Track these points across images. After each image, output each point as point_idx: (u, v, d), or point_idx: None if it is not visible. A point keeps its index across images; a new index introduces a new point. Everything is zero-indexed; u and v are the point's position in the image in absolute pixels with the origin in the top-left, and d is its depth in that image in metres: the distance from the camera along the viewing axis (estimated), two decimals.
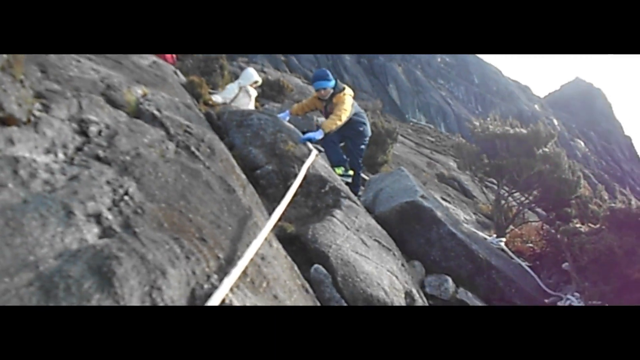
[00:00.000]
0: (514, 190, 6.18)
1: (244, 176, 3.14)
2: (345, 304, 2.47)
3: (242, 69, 15.14)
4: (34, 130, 2.06)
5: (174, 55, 10.47)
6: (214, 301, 1.45)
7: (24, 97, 2.17)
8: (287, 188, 3.13)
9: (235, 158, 3.46)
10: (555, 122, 62.57)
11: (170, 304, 1.39)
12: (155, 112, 3.19)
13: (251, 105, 6.26)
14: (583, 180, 5.67)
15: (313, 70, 36.74)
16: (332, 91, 5.06)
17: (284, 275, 2.18)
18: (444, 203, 7.77)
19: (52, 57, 3.14)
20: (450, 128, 46.78)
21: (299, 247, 2.93)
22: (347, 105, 4.92)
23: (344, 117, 4.81)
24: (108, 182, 1.95)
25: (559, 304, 4.11)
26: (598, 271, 3.68)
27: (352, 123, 5.16)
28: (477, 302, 3.92)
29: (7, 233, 1.34)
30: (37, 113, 2.21)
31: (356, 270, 2.69)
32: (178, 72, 6.04)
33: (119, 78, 3.59)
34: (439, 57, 59.20)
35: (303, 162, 3.68)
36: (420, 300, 3.10)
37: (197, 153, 2.85)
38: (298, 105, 5.42)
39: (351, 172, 5.21)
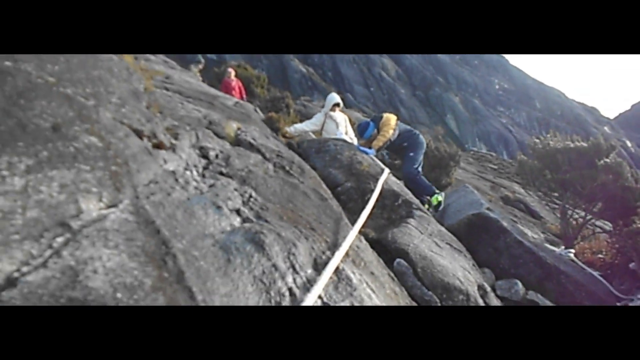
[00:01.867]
0: (579, 203, 6.33)
1: (329, 191, 3.65)
2: (427, 289, 2.87)
3: (305, 107, 15.98)
4: (174, 153, 2.67)
5: (245, 95, 11.47)
6: (330, 268, 1.92)
7: (164, 129, 2.81)
8: (366, 201, 3.60)
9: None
10: (629, 143, 59.24)
11: (301, 265, 1.89)
12: (252, 141, 3.79)
13: (341, 130, 6.48)
14: None
15: (369, 106, 37.51)
16: (374, 125, 6.04)
17: (375, 261, 2.64)
18: (530, 236, 7.91)
19: (161, 100, 3.86)
20: (513, 155, 45.70)
21: (380, 249, 3.36)
22: (389, 125, 5.83)
23: (388, 134, 5.71)
24: (235, 189, 2.51)
25: (630, 305, 4.26)
26: None
27: (402, 137, 6.00)
28: (548, 303, 4.15)
29: (187, 217, 1.89)
30: (173, 141, 2.83)
31: (433, 264, 3.10)
32: (257, 109, 6.76)
33: (216, 116, 4.26)
34: (496, 84, 58.40)
35: (377, 179, 4.15)
36: (492, 294, 3.43)
37: (291, 171, 3.39)
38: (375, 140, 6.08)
39: (441, 198, 5.68)
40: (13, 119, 1.62)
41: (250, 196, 2.48)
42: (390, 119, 5.98)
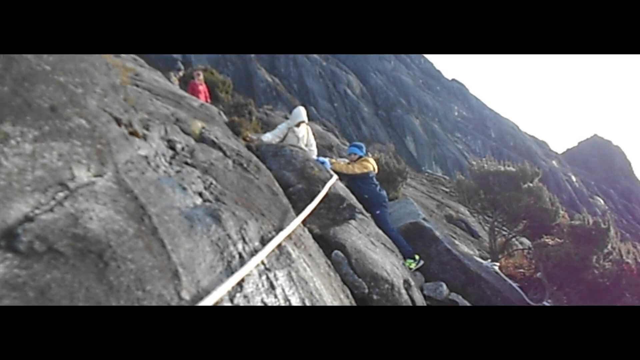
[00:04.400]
0: (505, 221, 7.03)
1: (282, 190, 4.08)
2: (358, 277, 3.34)
3: (267, 115, 16.38)
4: (146, 142, 3.03)
5: (209, 99, 11.79)
6: (274, 243, 2.35)
7: (139, 120, 3.18)
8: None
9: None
10: (574, 178, 62.14)
11: (250, 238, 2.31)
12: (214, 139, 4.17)
13: (301, 144, 6.45)
14: (562, 211, 6.51)
15: (331, 121, 38.16)
16: (357, 157, 6.17)
17: (314, 248, 3.08)
18: (459, 246, 8.57)
19: (132, 95, 4.20)
20: None
21: (322, 243, 3.81)
22: (363, 166, 5.95)
23: (355, 170, 5.84)
24: (198, 177, 2.90)
25: None
26: (561, 275, 4.51)
27: (367, 188, 5.89)
28: (467, 304, 4.70)
29: (158, 192, 2.28)
30: (145, 132, 3.20)
31: (366, 257, 3.58)
32: (221, 112, 7.12)
33: (183, 114, 4.61)
34: (455, 111, 60.34)
35: (325, 183, 4.61)
36: (415, 289, 3.94)
37: (248, 168, 3.80)
38: (336, 162, 6.28)
39: (417, 257, 5.51)
40: (21, 98, 1.99)
41: (211, 184, 2.88)
42: (370, 162, 6.06)
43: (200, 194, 2.60)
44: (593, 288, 4.53)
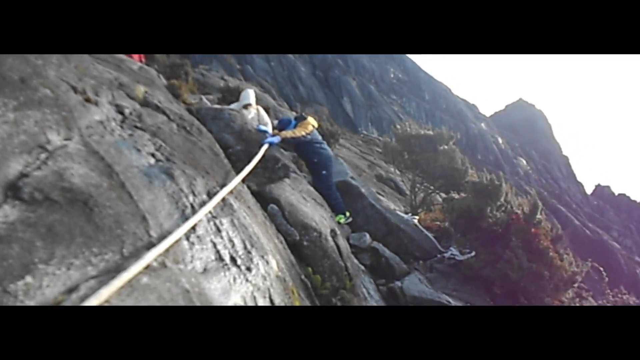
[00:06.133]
0: (424, 179, 7.86)
1: (222, 151, 4.51)
2: (290, 226, 3.89)
3: (204, 75, 16.32)
4: (98, 107, 3.36)
5: (142, 58, 11.67)
6: (219, 196, 2.82)
7: (90, 87, 3.48)
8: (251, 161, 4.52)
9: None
10: (500, 140, 65.55)
11: (199, 192, 2.77)
12: (158, 103, 4.48)
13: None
14: (471, 170, 7.41)
15: (268, 80, 38.01)
16: (295, 124, 6.21)
17: (252, 202, 3.59)
18: (383, 201, 9.35)
19: (74, 60, 4.42)
20: None
21: (260, 198, 4.31)
22: (305, 128, 6.03)
23: (299, 133, 5.89)
24: (148, 139, 3.28)
25: (445, 255, 5.71)
26: (464, 224, 5.32)
27: (313, 149, 6.09)
28: (387, 251, 5.42)
29: (118, 153, 2.67)
30: (95, 97, 3.51)
31: (297, 210, 4.13)
32: (161, 75, 7.30)
33: (125, 79, 4.86)
34: (392, 73, 61.32)
35: (262, 146, 5.08)
36: (341, 237, 4.57)
37: (191, 131, 4.19)
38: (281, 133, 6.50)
39: (347, 214, 5.91)
40: None
41: (161, 145, 3.27)
42: (309, 122, 6.18)
43: (153, 155, 3.00)
44: (488, 234, 5.41)
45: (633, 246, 53.97)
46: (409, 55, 66.40)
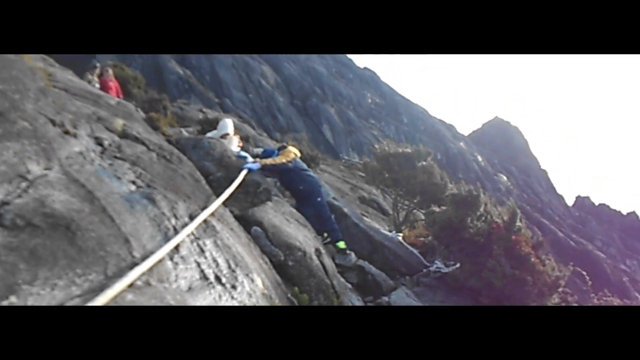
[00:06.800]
0: (405, 196, 7.98)
1: (203, 178, 4.55)
2: (275, 247, 3.92)
3: (182, 109, 16.42)
4: (77, 139, 3.39)
5: (120, 94, 11.74)
6: (200, 218, 2.86)
7: (69, 120, 3.53)
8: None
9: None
10: (480, 158, 66.48)
11: (181, 215, 2.81)
12: (137, 135, 4.53)
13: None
14: (450, 185, 7.56)
15: (247, 112, 38.22)
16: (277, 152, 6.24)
17: (235, 224, 3.62)
18: (366, 220, 9.44)
19: (51, 95, 4.46)
20: None
21: (243, 222, 4.35)
22: (286, 156, 6.08)
23: (279, 160, 5.94)
24: (129, 168, 3.32)
25: (431, 269, 5.77)
26: (446, 236, 5.41)
27: (298, 176, 6.10)
28: (372, 268, 5.45)
29: (98, 181, 2.70)
30: (74, 130, 3.55)
31: (281, 230, 4.17)
32: (139, 109, 7.35)
33: (103, 113, 4.91)
34: (369, 98, 62.14)
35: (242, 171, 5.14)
36: (326, 256, 4.60)
37: (171, 160, 4.23)
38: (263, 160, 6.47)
39: (342, 245, 5.77)
40: None
41: (141, 173, 3.31)
42: (291, 151, 6.18)
43: (134, 182, 3.04)
44: (471, 244, 5.50)
45: (617, 254, 54.75)
46: (385, 80, 67.38)
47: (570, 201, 78.41)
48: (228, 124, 7.15)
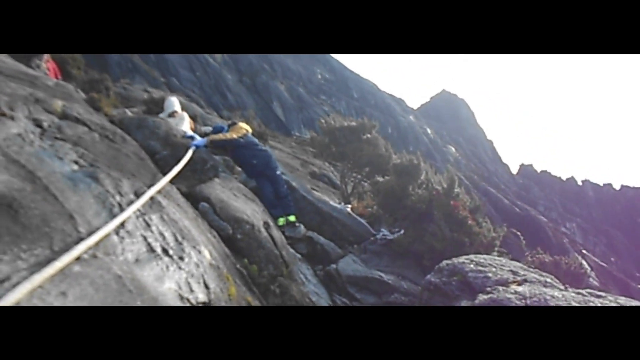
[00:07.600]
0: (352, 169, 8.22)
1: (148, 157, 4.56)
2: (223, 221, 4.03)
3: (126, 89, 15.94)
4: (14, 122, 3.35)
5: (58, 74, 11.28)
6: (147, 195, 2.93)
7: (4, 103, 3.47)
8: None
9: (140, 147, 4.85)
10: (429, 130, 67.98)
11: (126, 192, 2.86)
12: (77, 115, 4.47)
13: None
14: (394, 155, 7.86)
15: (195, 91, 37.37)
16: (227, 129, 6.31)
17: (182, 200, 3.69)
18: (315, 193, 9.62)
19: None
20: None
21: (190, 199, 4.41)
22: (236, 131, 6.16)
23: (228, 135, 6.02)
24: (70, 148, 3.32)
25: (377, 236, 6.04)
26: (390, 204, 5.67)
27: (250, 151, 6.10)
28: (321, 238, 5.66)
29: (39, 162, 2.71)
30: (11, 112, 3.49)
31: (229, 205, 4.27)
32: (79, 90, 7.15)
33: (41, 94, 4.80)
34: (319, 74, 61.90)
35: (189, 149, 5.17)
36: (275, 228, 4.75)
37: (114, 140, 4.22)
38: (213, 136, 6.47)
39: (293, 218, 5.88)
40: None
41: (83, 153, 3.31)
42: (242, 127, 6.20)
43: (76, 162, 3.05)
44: (414, 212, 5.80)
45: (558, 218, 57.90)
46: (334, 55, 67.30)
47: (515, 170, 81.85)
48: (174, 102, 7.11)
